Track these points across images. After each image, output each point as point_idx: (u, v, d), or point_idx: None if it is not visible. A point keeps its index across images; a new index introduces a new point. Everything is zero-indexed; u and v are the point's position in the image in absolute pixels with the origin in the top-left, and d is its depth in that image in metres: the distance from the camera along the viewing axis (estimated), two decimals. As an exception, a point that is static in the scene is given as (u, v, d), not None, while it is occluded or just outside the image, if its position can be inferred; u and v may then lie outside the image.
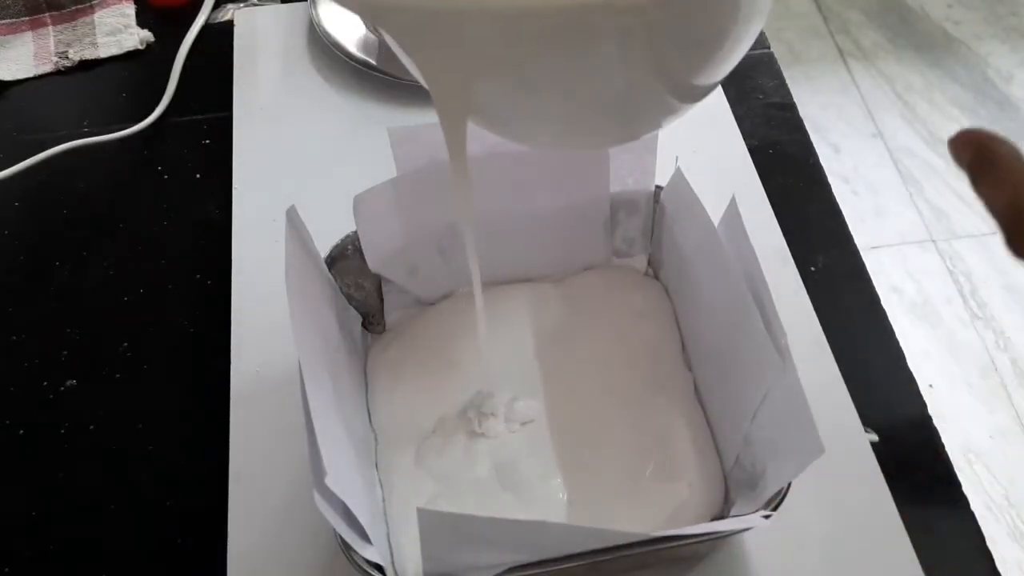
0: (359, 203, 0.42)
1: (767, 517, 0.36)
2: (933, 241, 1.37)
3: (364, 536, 0.35)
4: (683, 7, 0.23)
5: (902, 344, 0.49)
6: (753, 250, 0.38)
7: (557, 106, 0.27)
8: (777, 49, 0.62)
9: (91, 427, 0.47)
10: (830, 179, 0.56)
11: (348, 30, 0.62)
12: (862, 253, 0.53)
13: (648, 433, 0.43)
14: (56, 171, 0.56)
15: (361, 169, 0.44)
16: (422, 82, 0.27)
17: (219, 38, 0.63)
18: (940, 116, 1.51)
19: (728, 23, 0.25)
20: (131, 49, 0.63)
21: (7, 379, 0.49)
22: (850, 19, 1.65)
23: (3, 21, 0.64)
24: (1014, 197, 0.23)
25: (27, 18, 0.65)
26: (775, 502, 0.36)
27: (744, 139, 0.57)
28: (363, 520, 0.35)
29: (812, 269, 0.52)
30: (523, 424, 0.43)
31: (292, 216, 0.39)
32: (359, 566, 0.35)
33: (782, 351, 0.36)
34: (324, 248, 0.43)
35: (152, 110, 0.59)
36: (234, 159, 0.56)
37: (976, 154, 0.24)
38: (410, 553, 0.39)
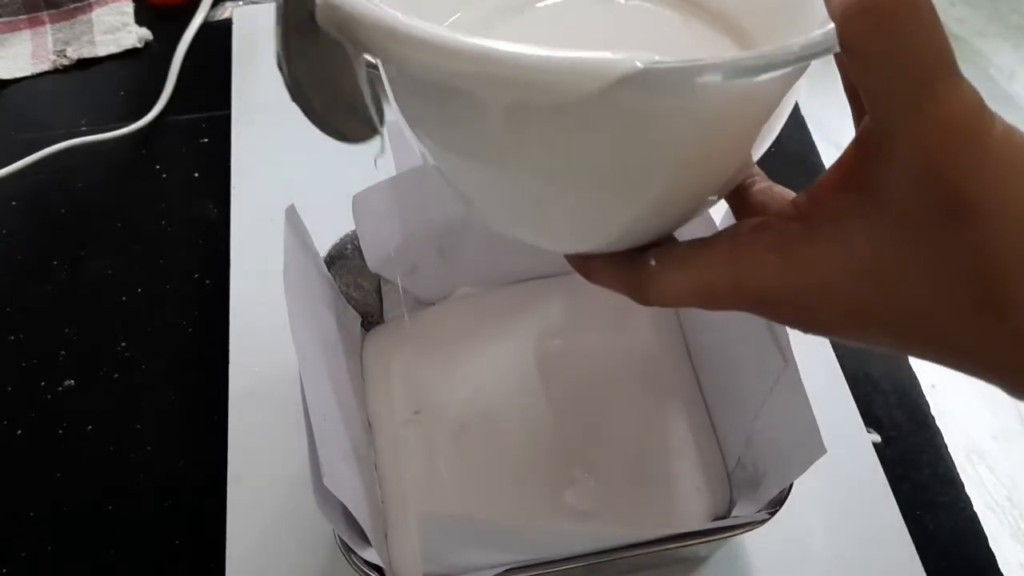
0: (358, 202, 0.42)
1: (769, 517, 0.36)
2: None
3: (363, 537, 0.35)
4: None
5: (905, 343, 0.49)
6: (755, 249, 0.37)
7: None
8: (779, 47, 0.61)
9: (89, 427, 0.47)
10: (832, 177, 0.56)
11: (347, 28, 0.62)
12: (864, 252, 0.53)
13: (650, 434, 0.43)
14: (54, 170, 0.56)
15: (360, 168, 0.44)
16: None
17: (218, 36, 0.63)
18: (942, 114, 1.51)
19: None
20: (129, 47, 0.63)
21: (5, 379, 0.49)
22: (852, 17, 1.65)
23: (1, 19, 0.64)
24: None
25: (25, 16, 0.64)
26: (777, 503, 0.36)
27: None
28: (362, 521, 0.34)
29: (814, 268, 0.51)
30: (523, 425, 0.43)
31: (291, 215, 0.39)
32: (358, 567, 0.34)
33: (784, 351, 0.35)
34: (323, 247, 0.43)
35: (150, 108, 0.58)
36: (232, 158, 0.56)
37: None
38: (409, 554, 0.39)
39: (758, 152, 0.26)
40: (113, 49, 0.63)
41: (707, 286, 0.24)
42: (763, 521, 0.36)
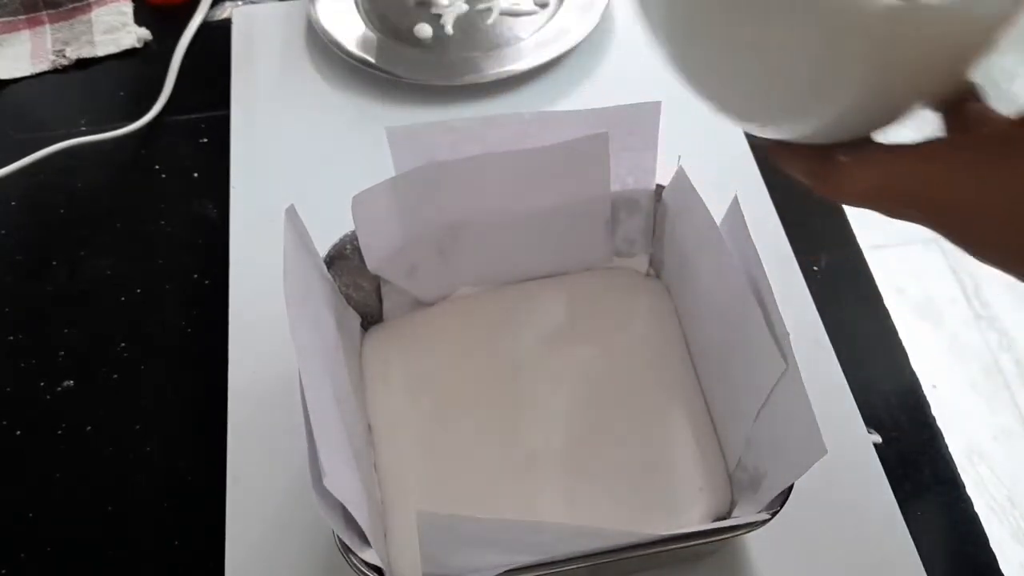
0: (357, 203, 0.42)
1: (770, 518, 0.35)
2: (936, 240, 1.36)
3: (363, 538, 0.35)
4: None
5: (905, 344, 0.49)
6: (755, 249, 0.37)
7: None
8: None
9: (88, 428, 0.47)
10: (832, 178, 0.56)
11: (346, 28, 0.62)
12: (865, 252, 0.53)
13: (651, 435, 0.43)
14: (53, 170, 0.56)
15: (360, 168, 0.44)
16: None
17: (217, 36, 0.63)
18: (942, 115, 1.51)
19: None
20: (128, 47, 0.63)
21: (4, 380, 0.48)
22: (851, 17, 1.65)
23: (0, 19, 0.64)
24: None
25: (24, 16, 0.64)
26: (778, 503, 0.36)
27: (746, 138, 0.57)
28: (362, 521, 0.34)
29: (815, 268, 0.51)
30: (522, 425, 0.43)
31: (291, 215, 0.39)
32: (358, 568, 0.34)
33: (784, 351, 0.35)
34: (323, 248, 0.43)
35: (149, 108, 0.58)
36: (232, 158, 0.56)
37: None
38: (409, 554, 0.39)
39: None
40: (112, 49, 0.63)
41: (890, 188, 0.26)
42: (764, 522, 0.36)
